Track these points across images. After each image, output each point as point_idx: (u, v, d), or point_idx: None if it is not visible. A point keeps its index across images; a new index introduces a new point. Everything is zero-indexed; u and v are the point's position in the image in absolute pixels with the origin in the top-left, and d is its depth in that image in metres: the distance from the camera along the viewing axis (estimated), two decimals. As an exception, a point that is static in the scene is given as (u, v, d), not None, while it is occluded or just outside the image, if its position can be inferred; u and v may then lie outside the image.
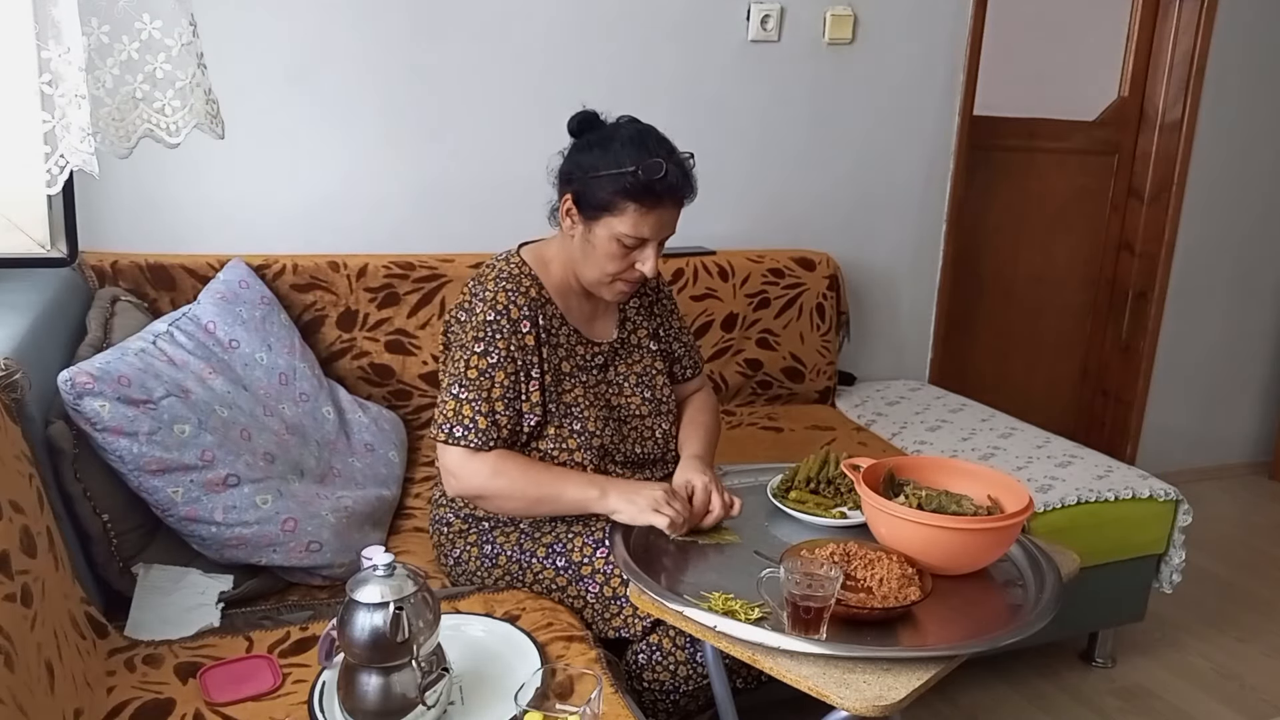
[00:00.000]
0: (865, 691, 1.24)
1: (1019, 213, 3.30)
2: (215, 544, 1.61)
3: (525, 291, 1.64)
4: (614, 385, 1.76)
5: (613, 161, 1.56)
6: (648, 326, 1.82)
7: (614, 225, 1.58)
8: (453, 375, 1.62)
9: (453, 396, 1.61)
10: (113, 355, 1.59)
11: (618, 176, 1.55)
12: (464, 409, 1.60)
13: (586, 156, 1.60)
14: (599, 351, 1.74)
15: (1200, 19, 3.18)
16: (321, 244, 2.33)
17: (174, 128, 1.58)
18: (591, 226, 1.60)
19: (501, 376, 1.60)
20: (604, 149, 1.58)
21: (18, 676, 1.08)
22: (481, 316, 1.62)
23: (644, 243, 1.60)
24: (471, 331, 1.62)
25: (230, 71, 2.04)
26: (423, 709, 1.23)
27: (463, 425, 1.59)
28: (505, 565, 1.70)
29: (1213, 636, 2.65)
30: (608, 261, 1.61)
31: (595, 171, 1.58)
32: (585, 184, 1.59)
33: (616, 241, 1.59)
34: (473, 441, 1.59)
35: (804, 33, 2.72)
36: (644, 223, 1.58)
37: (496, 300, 1.63)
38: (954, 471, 1.66)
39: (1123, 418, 3.55)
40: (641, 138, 1.60)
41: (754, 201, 2.80)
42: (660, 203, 1.58)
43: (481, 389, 1.60)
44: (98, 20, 1.50)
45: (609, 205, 1.57)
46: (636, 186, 1.55)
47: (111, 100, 1.54)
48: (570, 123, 1.65)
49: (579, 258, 1.65)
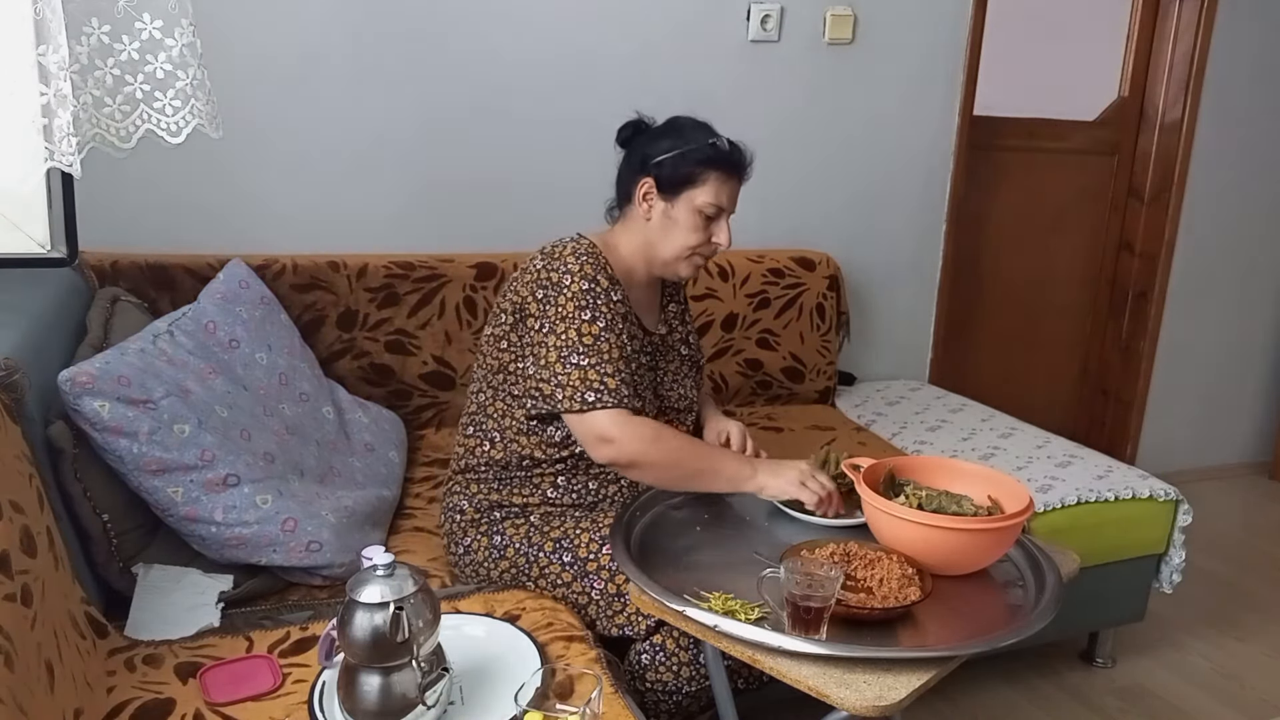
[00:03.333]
0: (865, 691, 1.24)
1: (1019, 213, 3.30)
2: (215, 544, 1.61)
3: (603, 266, 1.69)
4: (659, 376, 1.82)
5: (689, 140, 1.69)
6: (681, 331, 1.90)
7: (696, 198, 1.69)
8: (562, 347, 1.62)
9: (574, 366, 1.62)
10: (113, 355, 1.58)
11: (698, 149, 1.68)
12: (589, 374, 1.61)
13: (660, 143, 1.71)
14: (651, 341, 1.80)
15: (1200, 19, 3.19)
16: (321, 244, 2.33)
17: (174, 128, 1.58)
18: (673, 202, 1.70)
19: (614, 338, 1.64)
20: (676, 134, 1.71)
21: (18, 676, 1.07)
22: (575, 286, 1.65)
23: (720, 213, 1.72)
24: (569, 302, 1.64)
25: (230, 71, 2.04)
26: (423, 709, 1.23)
27: (594, 390, 1.61)
28: (512, 558, 1.71)
29: (1213, 636, 2.65)
30: (690, 234, 1.71)
31: (674, 150, 1.69)
32: (666, 164, 1.69)
33: (699, 214, 1.70)
34: (609, 401, 1.61)
35: (804, 33, 2.73)
36: (723, 191, 1.70)
37: (584, 270, 1.66)
38: (954, 471, 1.66)
39: (1123, 418, 3.55)
40: (703, 123, 1.74)
41: (754, 201, 2.77)
42: (735, 172, 1.72)
43: (600, 352, 1.62)
44: (98, 20, 1.49)
45: (691, 178, 1.68)
46: (717, 156, 1.68)
47: (112, 100, 1.54)
48: (623, 129, 1.76)
49: (657, 238, 1.73)
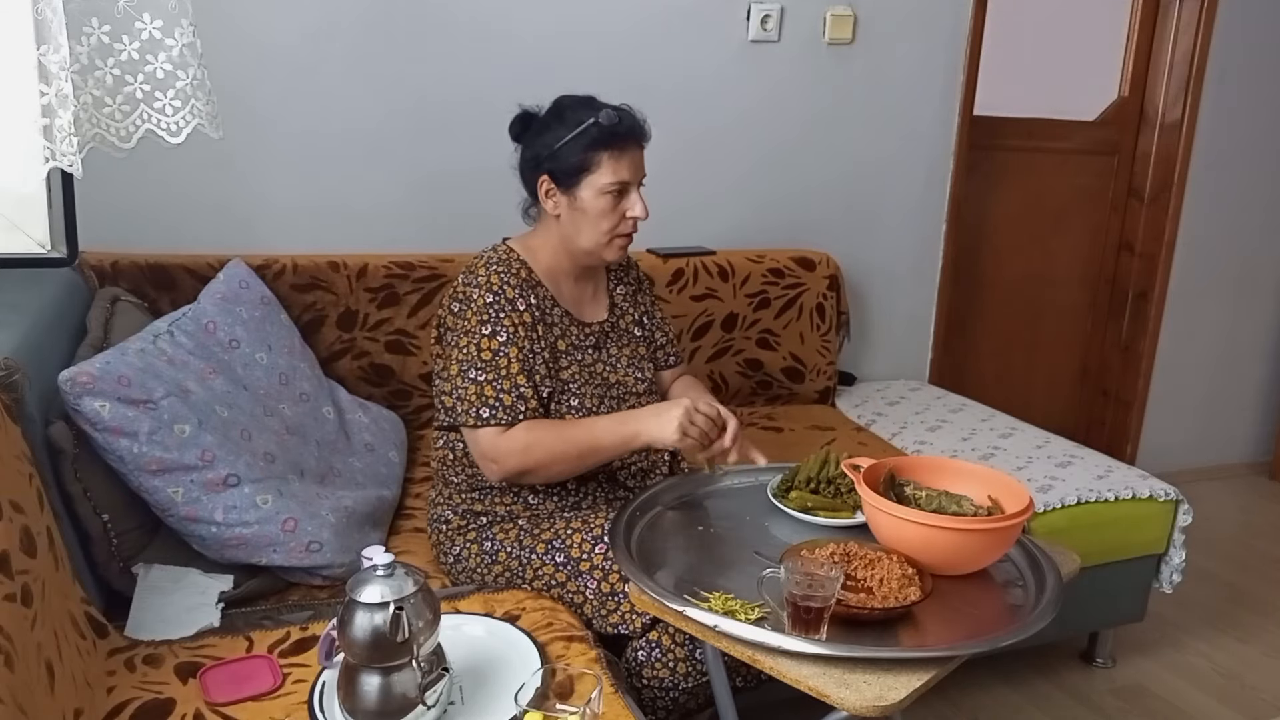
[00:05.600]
0: (865, 691, 1.24)
1: (1019, 213, 3.30)
2: (215, 544, 1.61)
3: (516, 273, 1.69)
4: (609, 364, 1.80)
5: (572, 125, 1.65)
6: (633, 313, 1.88)
7: (595, 181, 1.66)
8: (463, 360, 1.64)
9: (471, 381, 1.63)
10: (113, 355, 1.58)
11: (581, 134, 1.64)
12: (485, 390, 1.62)
13: (545, 135, 1.68)
14: (591, 332, 1.79)
15: (1200, 19, 3.19)
16: (321, 244, 2.33)
17: (174, 128, 1.58)
18: (575, 193, 1.67)
19: (514, 352, 1.64)
20: (559, 121, 1.67)
21: (18, 676, 1.07)
22: (480, 300, 1.66)
23: (626, 187, 1.68)
24: (474, 316, 1.65)
25: (230, 71, 2.04)
26: (423, 709, 1.23)
27: (488, 406, 1.62)
28: (505, 562, 1.70)
29: (1213, 636, 2.65)
30: (601, 219, 1.68)
31: (560, 141, 1.65)
32: (554, 158, 1.66)
33: (604, 195, 1.66)
34: (502, 419, 1.62)
35: (804, 33, 2.72)
36: (621, 167, 1.66)
37: (491, 282, 1.67)
38: (954, 471, 1.66)
39: (1123, 418, 3.55)
40: (585, 99, 1.70)
41: (754, 201, 2.80)
42: (626, 145, 1.66)
43: (498, 368, 1.63)
44: (98, 20, 1.50)
45: (584, 164, 1.65)
46: (602, 135, 1.64)
47: (112, 100, 1.54)
48: (512, 125, 1.75)
49: (572, 232, 1.71)
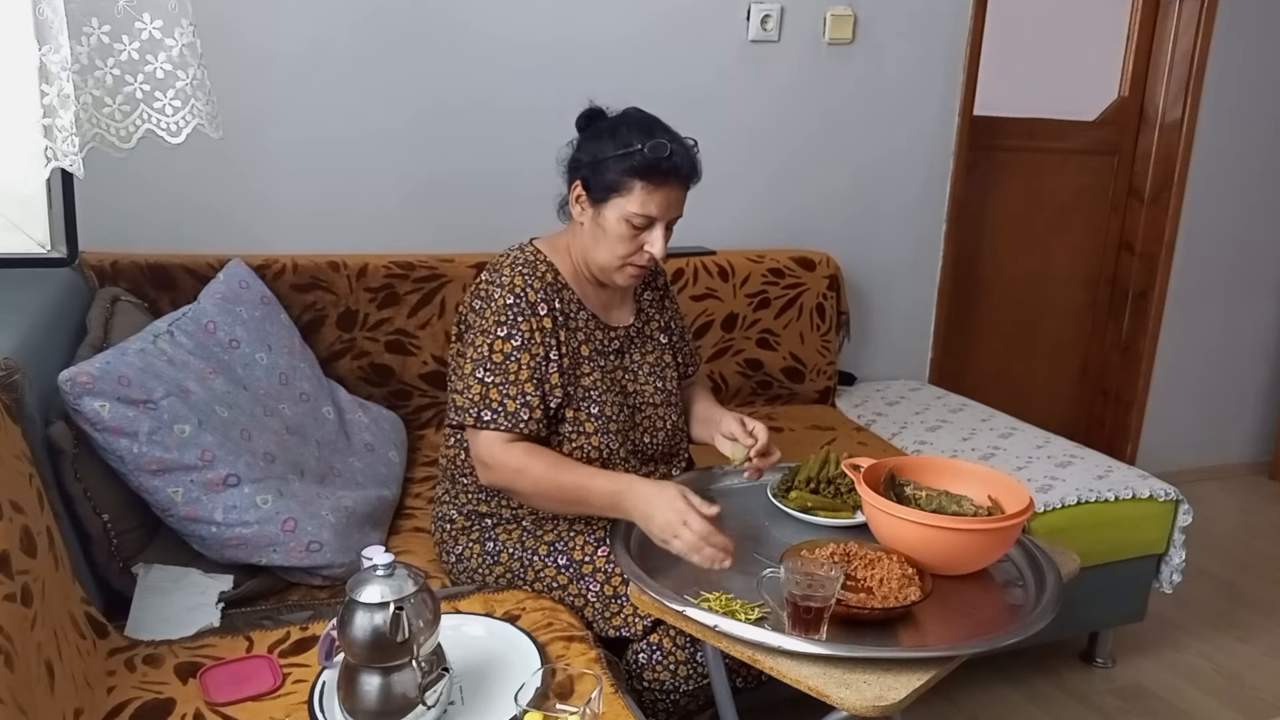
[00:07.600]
0: (865, 691, 1.24)
1: (1019, 213, 3.30)
2: (215, 544, 1.61)
3: (541, 276, 1.67)
4: (629, 372, 1.78)
5: (621, 143, 1.61)
6: (659, 320, 1.86)
7: (623, 206, 1.61)
8: (475, 359, 1.63)
9: (478, 380, 1.62)
10: (113, 355, 1.58)
11: (625, 156, 1.60)
12: (491, 392, 1.61)
13: (595, 143, 1.64)
14: (616, 336, 1.77)
15: (1200, 19, 3.19)
16: (321, 244, 2.33)
17: (174, 128, 1.58)
18: (601, 209, 1.64)
19: (527, 359, 1.62)
20: (612, 134, 1.63)
21: (18, 676, 1.07)
22: (501, 301, 1.64)
23: (652, 223, 1.63)
24: (492, 316, 1.64)
25: (231, 71, 2.04)
26: (423, 709, 1.23)
27: (490, 409, 1.60)
28: (507, 563, 1.70)
29: (1213, 636, 2.65)
30: (618, 244, 1.64)
31: (603, 155, 1.62)
32: (594, 168, 1.63)
33: (626, 223, 1.62)
34: (503, 425, 1.60)
35: (804, 33, 2.72)
36: (651, 201, 1.61)
37: (514, 284, 1.65)
38: (954, 471, 1.66)
39: (1123, 418, 3.55)
40: (647, 122, 1.65)
41: (754, 201, 2.80)
42: (666, 181, 1.61)
43: (508, 372, 1.61)
44: (98, 20, 1.50)
45: (617, 186, 1.61)
46: (643, 164, 1.59)
47: (112, 100, 1.54)
48: (578, 119, 1.70)
49: (589, 244, 1.68)
